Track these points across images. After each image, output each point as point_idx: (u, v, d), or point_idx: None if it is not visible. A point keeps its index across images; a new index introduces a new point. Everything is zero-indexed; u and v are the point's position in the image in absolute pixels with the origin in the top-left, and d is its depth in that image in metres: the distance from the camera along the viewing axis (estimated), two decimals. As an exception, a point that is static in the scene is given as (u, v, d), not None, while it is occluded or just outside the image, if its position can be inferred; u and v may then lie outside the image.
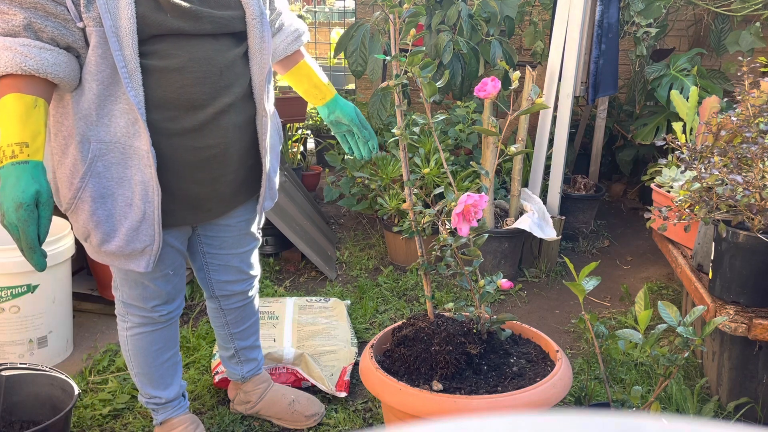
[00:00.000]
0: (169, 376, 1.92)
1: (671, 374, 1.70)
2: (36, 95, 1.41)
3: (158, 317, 1.83)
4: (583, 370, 2.45)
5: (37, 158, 1.39)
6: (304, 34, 1.93)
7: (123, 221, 1.58)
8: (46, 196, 1.39)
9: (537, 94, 1.67)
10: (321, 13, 6.91)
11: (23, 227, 1.36)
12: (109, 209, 1.57)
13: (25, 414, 2.02)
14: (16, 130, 1.38)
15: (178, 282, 1.83)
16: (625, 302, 3.08)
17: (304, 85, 1.95)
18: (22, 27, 1.38)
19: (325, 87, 1.94)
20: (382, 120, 3.60)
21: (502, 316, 1.79)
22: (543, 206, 3.34)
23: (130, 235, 1.59)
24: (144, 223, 1.59)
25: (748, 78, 2.44)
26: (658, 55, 4.07)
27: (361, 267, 3.42)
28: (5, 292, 2.28)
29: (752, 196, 1.91)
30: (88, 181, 1.55)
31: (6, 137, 1.38)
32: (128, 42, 1.45)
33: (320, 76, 1.96)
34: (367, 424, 2.16)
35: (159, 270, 1.74)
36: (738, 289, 2.10)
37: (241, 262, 1.95)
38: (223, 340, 2.10)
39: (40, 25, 1.40)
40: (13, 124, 1.38)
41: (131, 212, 1.58)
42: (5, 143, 1.37)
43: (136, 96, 1.49)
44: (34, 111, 1.40)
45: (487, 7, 3.61)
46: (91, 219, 1.58)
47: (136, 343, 1.86)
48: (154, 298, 1.80)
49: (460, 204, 1.54)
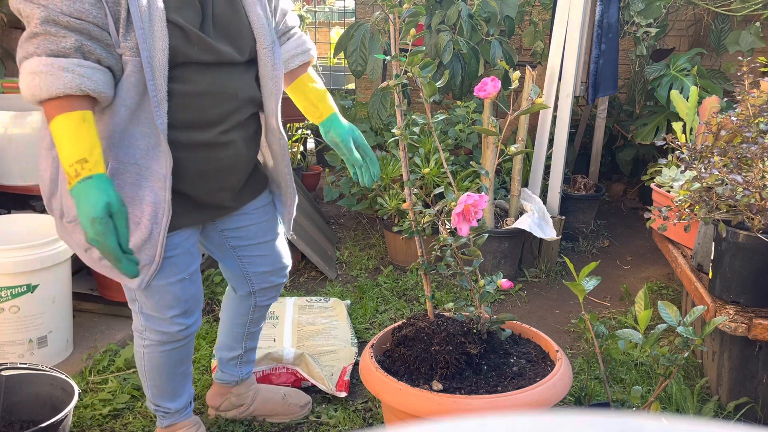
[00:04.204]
0: (181, 387, 1.91)
1: (671, 374, 1.70)
2: (81, 110, 1.44)
3: (177, 332, 1.78)
4: (583, 370, 2.45)
5: (99, 171, 1.43)
6: (305, 52, 1.88)
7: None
8: (117, 205, 1.43)
9: (537, 94, 1.67)
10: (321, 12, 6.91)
11: (102, 240, 1.40)
12: None
13: (25, 414, 2.02)
14: (73, 149, 1.42)
15: (195, 290, 1.80)
16: (625, 302, 3.08)
17: (301, 101, 1.91)
18: (73, 49, 1.42)
19: (323, 105, 1.88)
20: (382, 120, 3.60)
21: (502, 316, 1.79)
22: (543, 206, 3.34)
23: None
24: (148, 242, 1.61)
25: (748, 78, 2.44)
26: (658, 55, 4.07)
27: (361, 267, 3.42)
28: (5, 292, 2.28)
29: (752, 196, 1.91)
30: None
31: (66, 159, 1.42)
32: (160, 72, 1.52)
33: (319, 94, 1.89)
34: (367, 424, 2.16)
35: (174, 274, 1.72)
36: (738, 289, 2.10)
37: (271, 251, 1.96)
38: (236, 339, 2.09)
39: (89, 47, 1.44)
40: (69, 144, 1.42)
41: (137, 231, 1.60)
42: (67, 165, 1.42)
43: (162, 123, 1.55)
44: (84, 125, 1.44)
45: (487, 7, 3.61)
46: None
47: (153, 360, 1.83)
48: (171, 306, 1.75)
49: (460, 204, 1.54)
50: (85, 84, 1.42)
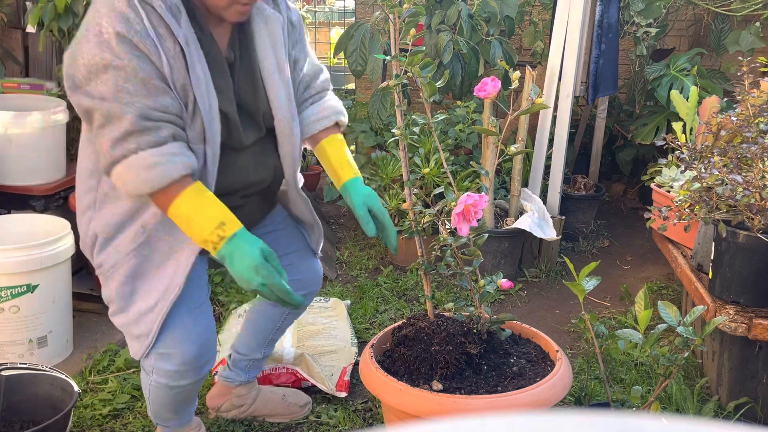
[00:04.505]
0: (186, 410, 1.89)
1: (671, 374, 1.70)
2: (191, 183, 1.54)
3: (187, 372, 1.69)
4: (583, 370, 2.45)
5: (238, 226, 1.54)
6: (327, 117, 1.86)
7: (137, 302, 1.66)
8: (267, 248, 1.54)
9: (537, 94, 1.67)
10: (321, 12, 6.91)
11: (270, 281, 1.50)
12: (133, 288, 1.67)
13: (25, 414, 2.02)
14: (206, 219, 1.52)
15: (208, 323, 1.74)
16: (625, 302, 3.08)
17: (323, 163, 1.89)
18: (170, 137, 1.52)
19: (341, 171, 1.83)
20: (382, 120, 3.60)
21: (502, 316, 1.79)
22: (543, 206, 3.34)
23: (135, 317, 1.67)
24: (150, 313, 1.64)
25: (748, 78, 2.44)
26: (658, 55, 4.07)
27: (361, 267, 3.42)
28: (5, 292, 2.27)
29: (752, 196, 1.91)
30: (131, 258, 1.65)
31: (203, 231, 1.52)
32: (216, 157, 1.61)
33: (339, 160, 1.85)
34: (367, 424, 2.16)
35: (184, 304, 1.68)
36: (738, 289, 2.10)
37: (303, 259, 1.98)
38: (259, 343, 2.08)
39: (179, 133, 1.55)
40: (200, 216, 1.52)
41: (149, 298, 1.64)
42: (207, 233, 1.51)
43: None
44: (204, 193, 1.55)
45: (487, 7, 3.61)
46: (116, 289, 1.68)
47: (159, 396, 1.78)
48: (183, 340, 1.67)
49: (460, 204, 1.54)
50: (192, 162, 1.54)
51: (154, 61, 1.48)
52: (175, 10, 1.51)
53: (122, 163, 1.49)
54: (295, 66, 1.79)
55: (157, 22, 1.48)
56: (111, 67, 1.45)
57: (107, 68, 1.45)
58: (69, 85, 1.52)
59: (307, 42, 1.86)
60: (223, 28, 1.63)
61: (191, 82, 1.53)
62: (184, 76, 1.52)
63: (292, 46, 1.77)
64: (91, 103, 1.48)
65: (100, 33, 1.45)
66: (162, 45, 1.48)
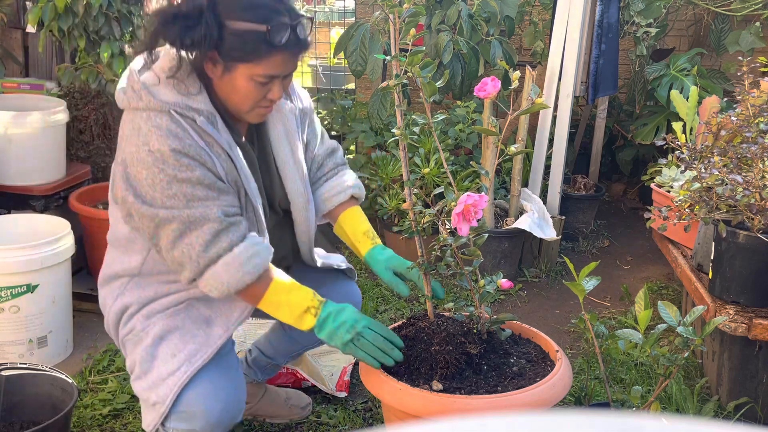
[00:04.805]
0: None
1: (671, 374, 1.70)
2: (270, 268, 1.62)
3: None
4: (583, 370, 2.45)
5: (321, 299, 1.62)
6: (341, 192, 1.87)
7: (158, 366, 1.61)
8: (354, 306, 1.64)
9: (537, 94, 1.67)
10: (321, 12, 6.91)
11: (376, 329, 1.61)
12: (156, 351, 1.63)
13: (25, 414, 2.02)
14: (302, 289, 1.63)
15: (236, 375, 1.67)
16: (625, 302, 3.08)
17: (342, 237, 1.90)
18: (248, 228, 1.61)
19: (360, 244, 1.84)
20: (382, 120, 3.60)
21: (502, 316, 1.79)
22: (543, 206, 3.34)
23: (151, 381, 1.61)
24: (168, 379, 1.58)
25: (748, 78, 2.44)
26: (658, 55, 4.07)
27: (361, 267, 3.42)
28: (5, 292, 2.28)
29: (752, 196, 1.91)
30: (162, 320, 1.66)
31: (305, 298, 1.61)
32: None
33: (356, 233, 1.85)
34: (367, 424, 2.16)
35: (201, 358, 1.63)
36: (738, 289, 2.10)
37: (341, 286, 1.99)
38: (287, 353, 2.09)
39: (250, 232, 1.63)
40: (297, 288, 1.63)
41: (171, 361, 1.60)
42: (309, 300, 1.60)
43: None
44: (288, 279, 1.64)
45: (487, 7, 3.61)
46: (140, 352, 1.65)
47: None
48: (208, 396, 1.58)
49: (460, 204, 1.53)
50: (271, 250, 1.63)
51: (210, 167, 1.56)
52: (212, 118, 1.59)
53: (218, 263, 1.54)
54: (307, 147, 1.85)
55: (201, 132, 1.56)
56: (176, 180, 1.51)
57: (172, 182, 1.51)
58: (137, 204, 1.53)
59: (318, 123, 1.92)
60: (242, 122, 1.71)
61: (241, 179, 1.62)
62: (234, 174, 1.61)
63: (303, 129, 1.84)
64: (168, 213, 1.52)
65: (152, 152, 1.51)
66: (211, 151, 1.57)
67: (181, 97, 1.54)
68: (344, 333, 1.57)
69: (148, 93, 1.53)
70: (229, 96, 1.58)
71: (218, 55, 1.52)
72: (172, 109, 1.53)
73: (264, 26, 1.49)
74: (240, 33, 1.50)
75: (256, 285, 1.58)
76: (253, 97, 1.57)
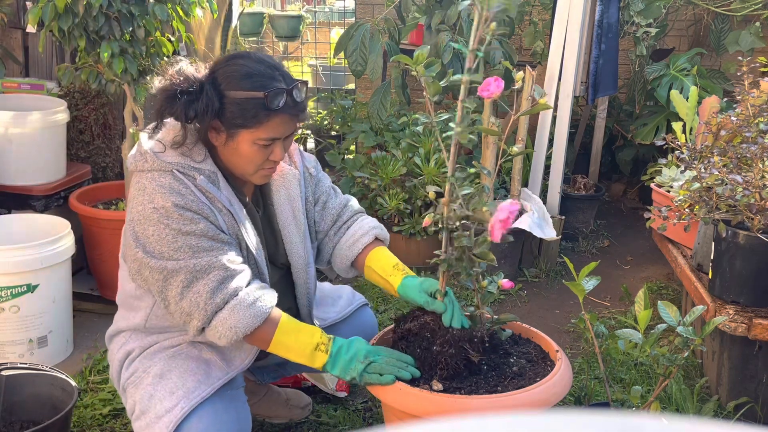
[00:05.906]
0: None
1: (671, 374, 1.70)
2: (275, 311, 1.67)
3: None
4: (583, 370, 2.45)
5: (328, 337, 1.65)
6: (366, 234, 1.88)
7: (156, 405, 1.62)
8: (365, 339, 1.68)
9: (541, 94, 1.66)
10: (321, 12, 6.91)
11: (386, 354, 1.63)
12: (156, 389, 1.64)
13: (25, 414, 2.03)
14: (309, 327, 1.68)
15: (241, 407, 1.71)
16: (625, 302, 3.08)
17: (373, 279, 1.88)
18: (252, 275, 1.67)
19: (390, 279, 1.81)
20: (382, 120, 3.60)
21: (504, 317, 1.79)
22: (543, 206, 3.34)
23: (150, 420, 1.61)
24: (167, 415, 1.59)
25: (748, 78, 2.44)
26: (658, 55, 4.07)
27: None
28: (5, 291, 2.28)
29: (752, 196, 1.91)
30: (163, 360, 1.70)
31: (314, 335, 1.64)
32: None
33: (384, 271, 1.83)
34: (367, 424, 2.16)
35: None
36: (738, 289, 2.10)
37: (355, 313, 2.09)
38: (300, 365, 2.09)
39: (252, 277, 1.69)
40: (305, 326, 1.68)
41: (168, 399, 1.61)
42: (318, 337, 1.63)
43: None
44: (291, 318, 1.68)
45: (487, 7, 3.60)
46: (142, 390, 1.67)
47: None
48: (209, 426, 1.59)
49: (503, 210, 1.49)
50: (275, 291, 1.69)
51: (212, 221, 1.63)
52: (213, 177, 1.67)
53: (225, 309, 1.59)
54: (317, 203, 1.92)
55: (202, 189, 1.64)
56: (181, 234, 1.58)
57: (178, 236, 1.58)
58: (146, 259, 1.59)
59: (328, 181, 1.97)
60: (248, 185, 1.80)
61: (242, 233, 1.69)
62: (235, 228, 1.68)
63: (314, 190, 1.92)
64: (175, 265, 1.58)
65: (157, 209, 1.59)
66: (213, 206, 1.65)
67: (185, 158, 1.65)
68: (357, 364, 1.60)
69: (153, 156, 1.63)
70: (234, 160, 1.68)
71: (221, 123, 1.62)
72: (175, 168, 1.62)
73: (261, 93, 1.59)
74: (240, 101, 1.60)
75: (264, 328, 1.61)
76: (257, 160, 1.66)
